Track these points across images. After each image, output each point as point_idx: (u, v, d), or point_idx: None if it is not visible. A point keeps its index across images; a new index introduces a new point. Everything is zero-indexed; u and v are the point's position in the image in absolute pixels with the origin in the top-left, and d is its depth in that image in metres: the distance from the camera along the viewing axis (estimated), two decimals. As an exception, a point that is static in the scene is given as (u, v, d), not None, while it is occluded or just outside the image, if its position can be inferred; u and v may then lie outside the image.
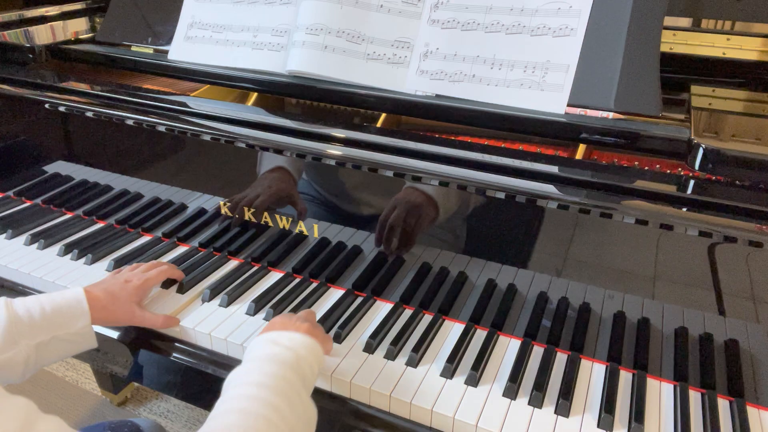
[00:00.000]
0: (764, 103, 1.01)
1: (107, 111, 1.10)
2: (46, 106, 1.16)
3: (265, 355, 0.74)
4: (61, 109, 1.15)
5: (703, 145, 0.77)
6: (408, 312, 0.98)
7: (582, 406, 0.81)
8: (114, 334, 0.99)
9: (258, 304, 0.98)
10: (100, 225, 1.23)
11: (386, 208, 0.93)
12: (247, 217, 1.07)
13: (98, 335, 0.99)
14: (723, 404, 0.81)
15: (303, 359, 0.75)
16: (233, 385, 0.70)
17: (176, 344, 0.96)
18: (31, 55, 1.30)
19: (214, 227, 1.12)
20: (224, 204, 1.08)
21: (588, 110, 0.91)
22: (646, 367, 0.86)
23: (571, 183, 0.82)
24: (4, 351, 0.78)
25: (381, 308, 1.00)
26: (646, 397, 0.82)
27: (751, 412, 0.80)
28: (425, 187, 0.89)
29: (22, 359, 0.80)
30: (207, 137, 1.03)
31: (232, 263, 1.10)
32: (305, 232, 1.03)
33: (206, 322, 0.95)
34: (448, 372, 0.86)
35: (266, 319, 0.95)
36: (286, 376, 0.70)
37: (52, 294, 0.87)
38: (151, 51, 1.27)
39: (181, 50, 1.21)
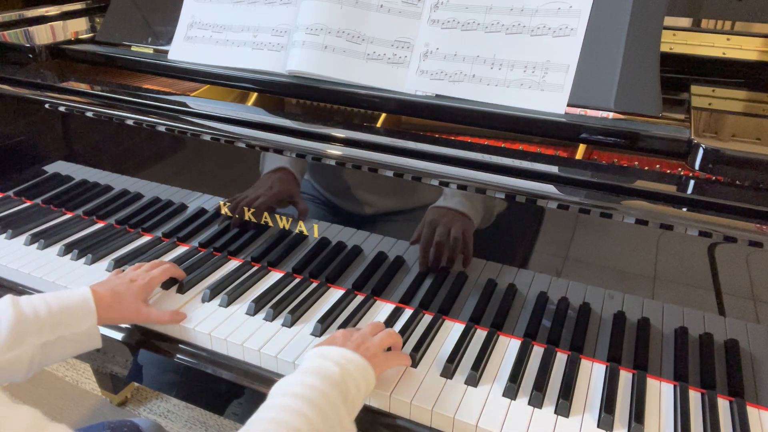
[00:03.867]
0: (764, 103, 1.00)
1: (107, 111, 1.10)
2: (46, 106, 1.16)
3: (311, 367, 0.74)
4: (61, 109, 1.15)
5: (703, 145, 0.77)
6: (408, 312, 0.98)
7: (582, 406, 0.81)
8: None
9: (258, 304, 0.98)
10: (100, 225, 1.23)
11: (423, 235, 0.92)
12: (247, 218, 1.07)
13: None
14: (723, 404, 0.81)
15: (349, 377, 0.74)
16: (274, 394, 0.71)
17: (176, 344, 0.96)
18: (31, 55, 1.29)
19: (214, 227, 1.12)
20: (224, 204, 1.08)
21: (588, 110, 0.91)
22: (646, 367, 0.86)
23: (571, 183, 0.82)
24: (11, 349, 0.78)
25: (381, 308, 1.00)
26: (646, 397, 0.82)
27: (751, 412, 0.80)
28: (449, 203, 0.88)
29: (27, 358, 0.80)
30: (207, 137, 1.03)
31: (233, 263, 1.10)
32: (305, 232, 1.03)
33: (206, 322, 0.95)
34: (448, 372, 0.86)
35: (266, 319, 0.95)
36: (325, 392, 0.71)
37: (58, 292, 0.87)
38: (151, 51, 1.27)
39: (181, 50, 1.21)
